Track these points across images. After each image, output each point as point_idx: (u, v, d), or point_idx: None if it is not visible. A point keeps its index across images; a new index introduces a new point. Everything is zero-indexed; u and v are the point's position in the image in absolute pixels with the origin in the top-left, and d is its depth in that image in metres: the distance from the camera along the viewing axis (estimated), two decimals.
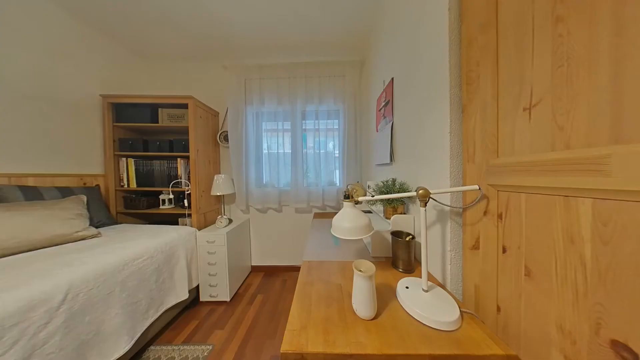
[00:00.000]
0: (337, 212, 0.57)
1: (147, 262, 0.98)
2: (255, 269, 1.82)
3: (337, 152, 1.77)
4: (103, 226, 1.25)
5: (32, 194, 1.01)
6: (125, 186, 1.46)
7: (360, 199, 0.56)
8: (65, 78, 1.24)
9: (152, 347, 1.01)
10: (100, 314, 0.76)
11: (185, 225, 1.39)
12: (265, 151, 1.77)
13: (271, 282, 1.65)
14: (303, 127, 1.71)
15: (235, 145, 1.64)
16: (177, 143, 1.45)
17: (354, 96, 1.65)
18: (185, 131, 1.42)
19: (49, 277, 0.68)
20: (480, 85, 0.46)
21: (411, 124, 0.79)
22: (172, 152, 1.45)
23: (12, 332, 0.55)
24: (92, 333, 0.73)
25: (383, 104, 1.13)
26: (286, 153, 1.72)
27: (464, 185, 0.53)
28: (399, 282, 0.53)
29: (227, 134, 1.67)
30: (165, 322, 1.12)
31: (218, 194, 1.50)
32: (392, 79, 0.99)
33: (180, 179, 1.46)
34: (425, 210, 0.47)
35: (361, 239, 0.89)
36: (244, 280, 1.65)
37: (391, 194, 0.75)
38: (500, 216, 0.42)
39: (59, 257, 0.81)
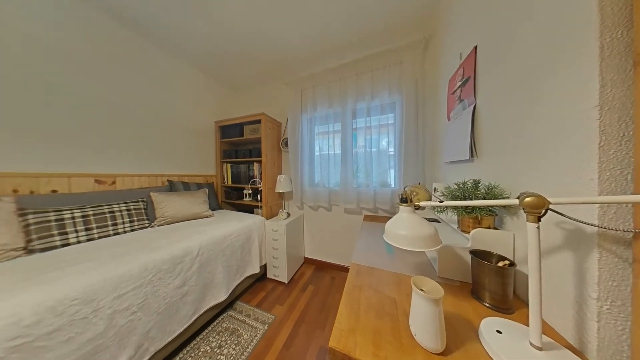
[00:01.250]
0: (391, 217, 0.51)
1: (236, 239, 1.34)
2: (307, 261, 2.00)
3: (391, 149, 1.58)
4: (214, 210, 1.84)
5: (186, 186, 1.69)
6: (226, 183, 2.07)
7: (422, 204, 0.47)
8: (199, 114, 1.97)
9: (238, 302, 1.37)
10: (213, 269, 1.13)
11: (258, 214, 1.77)
12: (317, 153, 1.90)
13: (321, 276, 1.74)
14: (353, 127, 1.67)
15: (293, 150, 1.88)
16: (254, 151, 1.88)
17: (415, 83, 1.41)
18: (259, 141, 1.81)
19: (191, 238, 1.09)
20: None
21: (509, 102, 0.56)
22: (251, 157, 1.90)
23: (178, 267, 0.94)
24: (209, 280, 1.11)
25: (459, 83, 0.88)
26: (336, 154, 1.75)
27: (637, 192, 0.31)
28: (485, 320, 0.39)
29: (287, 140, 1.95)
30: (245, 287, 1.48)
31: (280, 191, 1.80)
32: (475, 47, 0.75)
33: (255, 178, 1.88)
34: (538, 227, 0.32)
35: (423, 252, 0.75)
36: (298, 269, 1.86)
37: (471, 199, 0.58)
38: None
39: (195, 227, 1.29)
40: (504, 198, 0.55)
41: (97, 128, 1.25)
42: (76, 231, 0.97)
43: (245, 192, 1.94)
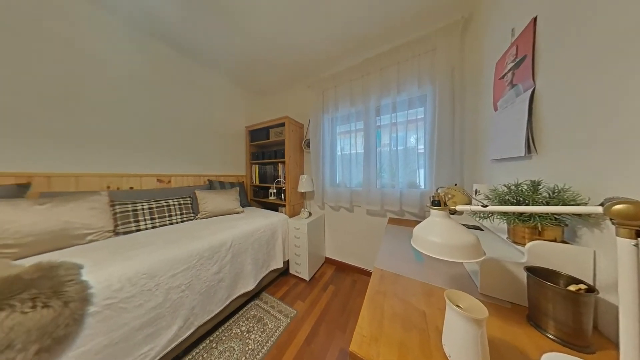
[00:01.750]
0: (420, 221, 0.47)
1: (263, 234, 1.45)
2: (328, 260, 2.00)
3: (421, 147, 1.44)
4: (244, 207, 2.03)
5: (222, 185, 1.91)
6: (254, 182, 2.26)
7: (459, 208, 0.41)
8: (232, 120, 2.21)
9: (264, 293, 1.48)
10: (243, 260, 1.25)
11: (282, 213, 1.87)
12: (338, 153, 1.88)
13: (342, 277, 1.72)
14: (377, 124, 1.59)
15: (314, 150, 1.91)
16: (278, 152, 1.99)
17: (451, 71, 1.25)
18: (283, 143, 1.91)
19: (226, 231, 1.23)
20: None
21: (585, 81, 0.44)
22: (276, 158, 2.02)
23: (215, 255, 1.07)
24: (240, 270, 1.23)
25: (510, 65, 0.74)
26: (358, 153, 1.70)
27: None
28: (547, 355, 0.32)
29: (309, 141, 2.00)
30: (270, 280, 1.58)
31: (302, 190, 1.85)
32: (534, 19, 0.62)
33: (280, 178, 1.98)
34: (636, 245, 0.24)
35: (460, 264, 0.66)
36: (319, 268, 1.88)
37: (527, 204, 0.48)
38: None
39: (228, 222, 1.45)
40: (578, 204, 0.43)
41: (158, 136, 1.55)
42: (145, 220, 1.22)
43: (270, 191, 2.07)
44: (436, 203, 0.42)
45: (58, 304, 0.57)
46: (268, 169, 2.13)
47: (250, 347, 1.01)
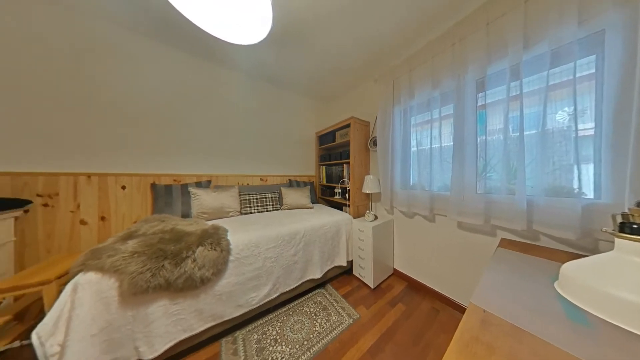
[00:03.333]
0: (580, 255, 0.28)
1: (328, 230, 1.57)
2: (397, 273, 1.74)
3: (587, 125, 0.82)
4: (313, 203, 2.31)
5: (297, 184, 2.32)
6: (321, 182, 2.51)
7: None
8: (305, 129, 2.60)
9: (328, 284, 1.59)
10: (311, 250, 1.43)
11: (346, 212, 1.90)
12: (413, 149, 1.58)
13: (416, 299, 1.42)
14: (480, 103, 1.14)
15: (382, 148, 1.74)
16: (344, 153, 2.05)
17: None
18: (348, 144, 1.94)
19: (300, 222, 1.46)
20: None
21: None
22: (341, 159, 2.10)
23: (293, 240, 1.32)
24: (309, 258, 1.41)
25: None
26: (444, 147, 1.32)
27: None
28: None
29: (375, 139, 1.86)
30: (333, 274, 1.66)
31: (367, 192, 1.77)
32: None
33: (344, 178, 2.03)
34: None
35: None
36: (386, 279, 1.69)
37: None
38: None
39: (301, 215, 1.72)
40: None
41: (260, 148, 2.19)
42: (254, 206, 1.79)
43: (335, 190, 2.19)
44: (635, 228, 0.22)
45: (219, 249, 0.98)
46: (334, 169, 2.26)
47: (316, 328, 1.13)
